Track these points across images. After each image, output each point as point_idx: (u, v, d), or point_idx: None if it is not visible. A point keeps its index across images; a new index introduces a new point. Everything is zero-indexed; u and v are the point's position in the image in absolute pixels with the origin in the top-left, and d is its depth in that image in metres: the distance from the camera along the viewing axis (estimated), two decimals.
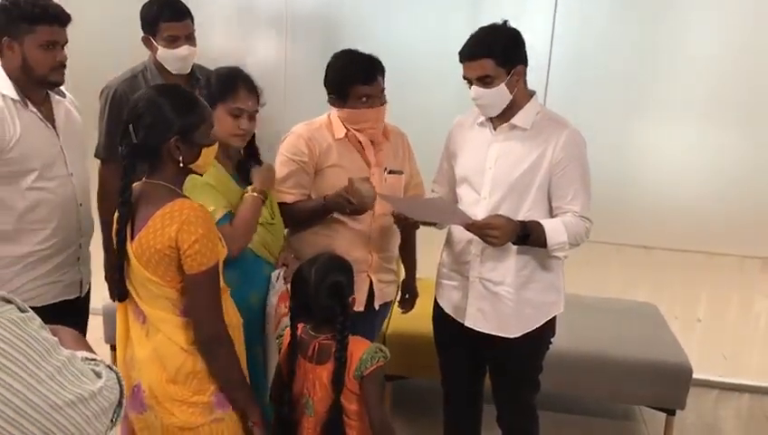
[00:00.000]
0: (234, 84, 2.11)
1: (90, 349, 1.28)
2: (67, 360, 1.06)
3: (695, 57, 3.44)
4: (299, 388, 1.99)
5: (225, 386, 1.82)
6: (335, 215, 2.36)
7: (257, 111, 2.16)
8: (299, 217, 2.37)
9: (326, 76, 2.38)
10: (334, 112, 2.40)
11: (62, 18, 2.13)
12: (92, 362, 1.19)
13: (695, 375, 3.02)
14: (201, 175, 1.87)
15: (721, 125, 3.49)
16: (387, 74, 2.36)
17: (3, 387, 0.95)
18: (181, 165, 1.75)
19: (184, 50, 2.68)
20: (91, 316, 2.55)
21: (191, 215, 1.69)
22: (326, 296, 1.91)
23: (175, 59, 2.69)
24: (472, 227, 2.08)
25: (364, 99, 2.31)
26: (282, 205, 2.33)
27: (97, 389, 1.09)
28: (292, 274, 2.04)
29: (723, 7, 3.36)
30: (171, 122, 1.71)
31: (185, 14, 2.70)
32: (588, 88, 3.54)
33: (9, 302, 1.04)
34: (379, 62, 2.36)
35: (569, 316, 2.40)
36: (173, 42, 2.66)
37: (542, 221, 2.11)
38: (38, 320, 1.08)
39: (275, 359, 2.13)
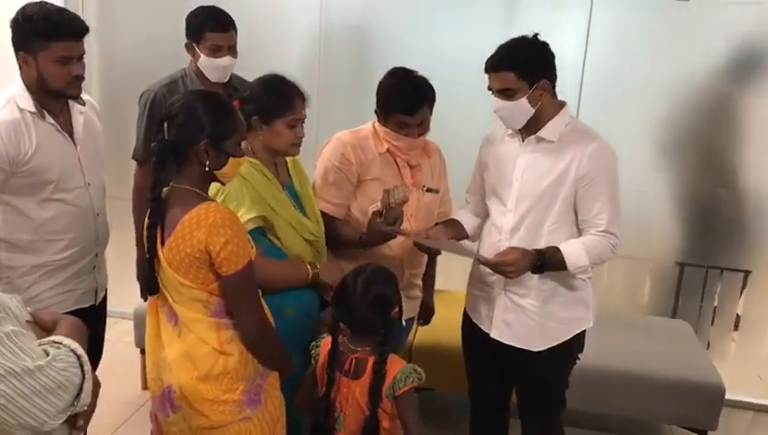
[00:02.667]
0: (289, 97, 2.11)
1: (83, 342, 1.30)
2: (5, 335, 1.10)
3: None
4: (331, 401, 1.99)
5: (271, 365, 1.91)
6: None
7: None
8: (338, 237, 2.37)
9: (377, 88, 2.37)
10: (378, 124, 2.40)
11: (78, 32, 2.09)
12: (54, 345, 1.21)
13: (729, 395, 2.96)
14: (224, 184, 1.91)
15: None
16: None
17: None
18: (207, 169, 1.79)
19: (225, 60, 2.74)
20: (122, 320, 2.59)
21: (218, 217, 1.73)
22: (369, 308, 1.91)
23: (215, 68, 2.75)
24: (486, 263, 2.11)
25: (402, 126, 2.31)
26: (326, 218, 2.33)
27: (35, 366, 1.12)
28: (338, 284, 2.01)
29: (756, 24, 3.32)
30: (204, 126, 1.76)
31: (230, 26, 2.76)
32: (621, 101, 3.52)
33: None
34: (429, 92, 2.33)
35: (599, 332, 2.38)
36: (216, 51, 2.73)
37: (561, 245, 2.10)
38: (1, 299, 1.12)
39: None
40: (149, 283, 1.86)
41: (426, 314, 2.72)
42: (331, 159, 2.37)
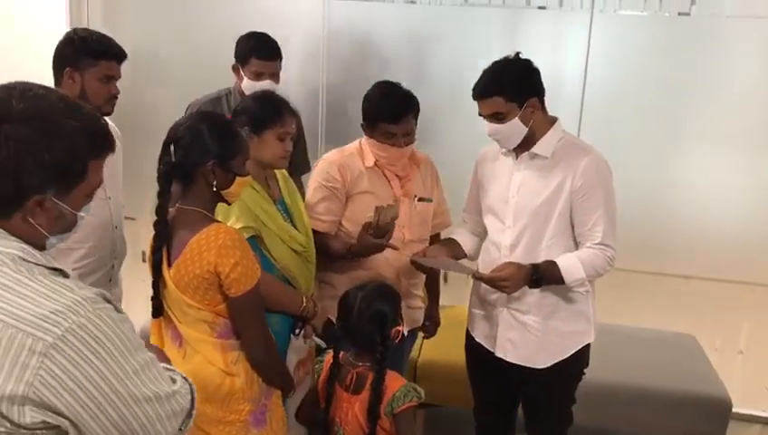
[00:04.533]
0: (279, 110, 2.19)
1: (168, 362, 1.41)
2: (150, 361, 1.18)
3: (731, 89, 3.40)
4: (331, 416, 2.01)
5: (275, 384, 1.95)
6: None
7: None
8: (328, 251, 2.40)
9: (363, 102, 2.43)
10: (365, 139, 2.45)
11: (121, 56, 2.33)
12: (170, 371, 1.29)
13: (736, 409, 2.95)
14: (230, 204, 1.93)
15: (759, 155, 3.43)
16: (421, 104, 2.41)
17: (95, 372, 1.08)
18: (214, 189, 1.81)
19: (266, 84, 2.87)
20: None
21: (227, 239, 1.75)
22: (368, 324, 1.94)
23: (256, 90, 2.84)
24: (481, 279, 2.13)
25: (389, 135, 2.36)
26: (316, 233, 2.37)
27: (171, 391, 1.20)
28: (340, 298, 2.07)
29: (759, 39, 3.33)
30: (211, 146, 1.79)
31: (275, 55, 2.94)
32: (624, 117, 3.53)
33: (109, 302, 1.16)
34: (413, 102, 2.39)
35: (604, 347, 2.38)
36: (258, 76, 2.90)
37: (557, 259, 2.12)
38: (130, 322, 1.20)
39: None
40: (155, 306, 1.89)
41: (431, 326, 2.73)
42: (319, 179, 2.43)
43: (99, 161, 1.22)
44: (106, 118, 2.33)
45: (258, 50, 2.90)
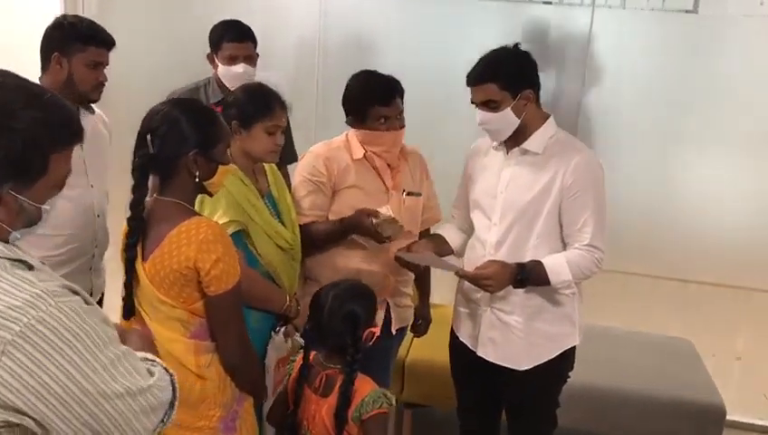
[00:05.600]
0: (269, 102, 2.14)
1: (155, 352, 1.35)
2: (122, 354, 1.13)
3: (735, 89, 3.33)
4: (299, 418, 1.94)
5: (249, 389, 1.86)
6: (353, 236, 2.34)
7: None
8: (315, 239, 2.35)
9: (344, 96, 2.39)
10: (352, 132, 2.40)
11: (110, 42, 2.32)
12: (149, 362, 1.25)
13: (733, 416, 2.91)
14: (211, 195, 1.85)
15: (760, 157, 3.37)
16: (419, 99, 2.38)
17: (59, 369, 1.04)
18: (197, 180, 1.72)
19: (239, 67, 2.85)
20: None
21: (209, 233, 1.66)
22: (339, 323, 1.87)
23: (232, 76, 2.85)
24: (464, 277, 2.08)
25: (382, 120, 2.31)
26: (300, 226, 2.32)
27: (147, 385, 1.16)
28: (312, 296, 2.00)
29: (766, 38, 3.26)
30: (191, 135, 1.70)
31: (246, 37, 2.91)
32: (623, 118, 3.47)
33: (76, 293, 1.12)
34: (398, 84, 2.36)
35: (595, 349, 2.33)
36: (232, 60, 2.86)
37: (543, 260, 2.07)
38: (101, 314, 1.15)
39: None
40: (126, 307, 1.81)
41: (422, 325, 2.68)
42: (304, 173, 2.38)
43: (63, 153, 1.16)
44: (94, 106, 2.38)
45: (229, 33, 2.89)
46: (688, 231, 3.49)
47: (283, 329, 2.19)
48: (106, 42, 2.30)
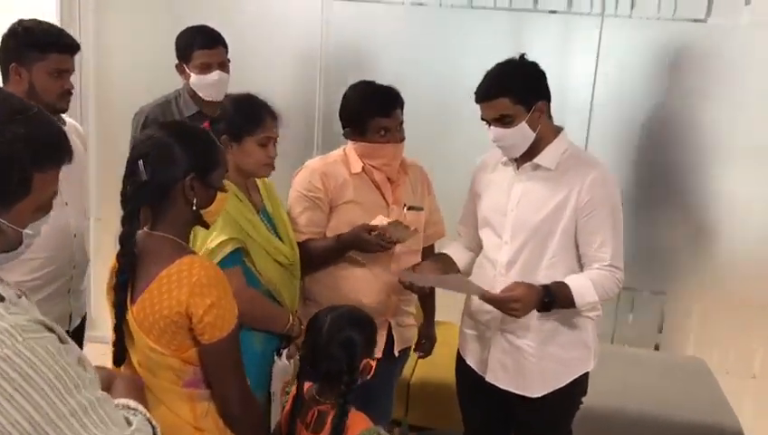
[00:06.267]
0: (259, 114, 2.07)
1: (142, 399, 1.24)
2: (96, 400, 1.03)
3: (747, 99, 3.27)
4: None
5: None
6: (352, 254, 2.25)
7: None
8: (312, 256, 2.27)
9: (342, 107, 2.31)
10: (350, 146, 2.32)
11: (73, 47, 2.16)
12: (131, 411, 1.15)
13: None
14: (208, 228, 1.71)
15: None
16: (423, 112, 2.30)
17: (19, 414, 0.94)
18: (194, 208, 1.56)
19: (215, 75, 2.68)
20: (100, 345, 2.48)
21: (202, 275, 1.50)
22: (336, 349, 1.75)
23: (206, 85, 2.70)
24: (490, 300, 1.95)
25: (383, 132, 2.23)
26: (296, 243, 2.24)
27: None
28: (309, 320, 1.89)
29: None
30: (186, 159, 1.55)
31: (217, 42, 2.72)
32: (634, 128, 3.39)
33: (51, 330, 1.02)
34: (398, 94, 2.29)
35: (605, 370, 2.24)
36: (205, 69, 2.69)
37: (567, 280, 1.97)
38: (77, 353, 1.06)
39: None
40: (116, 352, 1.63)
41: (426, 344, 2.59)
42: (299, 188, 2.30)
43: (49, 173, 1.08)
44: (70, 119, 2.25)
45: (199, 40, 2.70)
46: (700, 245, 3.42)
47: (285, 351, 2.11)
48: (68, 47, 2.15)
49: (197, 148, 1.59)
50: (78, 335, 2.39)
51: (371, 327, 1.84)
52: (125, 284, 1.56)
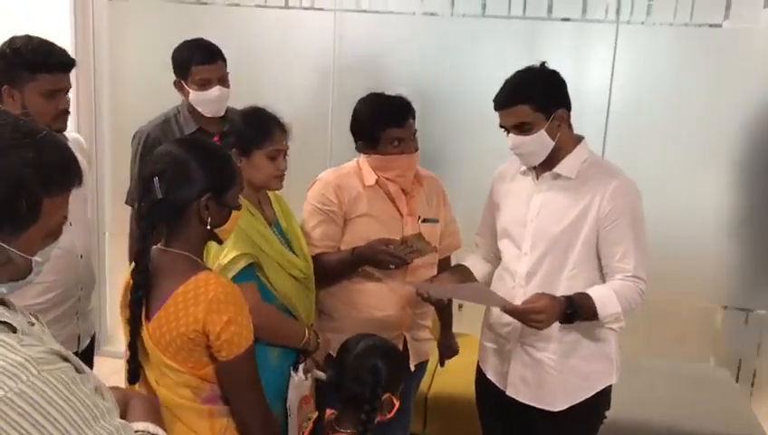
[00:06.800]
0: (267, 127, 2.05)
1: (160, 420, 1.22)
2: (116, 430, 1.01)
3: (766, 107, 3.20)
4: None
5: None
6: (367, 268, 2.22)
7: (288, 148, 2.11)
8: (327, 270, 2.24)
9: (353, 122, 2.28)
10: (363, 158, 2.30)
11: (66, 65, 2.06)
12: None
13: None
14: (221, 243, 1.71)
15: None
16: (437, 122, 2.26)
17: None
18: (208, 227, 1.56)
19: (215, 91, 2.63)
20: (114, 360, 2.46)
21: (219, 292, 1.49)
22: (363, 373, 1.73)
23: (207, 101, 2.64)
24: (513, 312, 1.91)
25: (396, 142, 2.21)
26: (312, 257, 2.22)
27: None
28: (340, 344, 1.88)
29: None
30: (203, 178, 1.54)
31: (216, 57, 2.66)
32: (651, 136, 3.35)
33: (66, 360, 0.99)
34: (410, 103, 2.26)
35: (630, 382, 2.19)
36: (205, 85, 2.62)
37: (590, 291, 1.92)
38: (95, 382, 1.03)
39: None
40: (130, 370, 1.62)
41: (446, 354, 2.57)
42: (313, 202, 2.28)
43: (58, 198, 1.05)
44: (73, 133, 2.19)
45: (198, 55, 2.62)
46: (722, 254, 3.34)
47: (302, 365, 2.08)
48: (61, 65, 2.04)
49: (214, 167, 1.58)
50: (87, 356, 2.36)
51: (401, 364, 1.86)
52: (140, 300, 1.55)
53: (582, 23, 3.32)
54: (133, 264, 1.58)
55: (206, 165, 1.56)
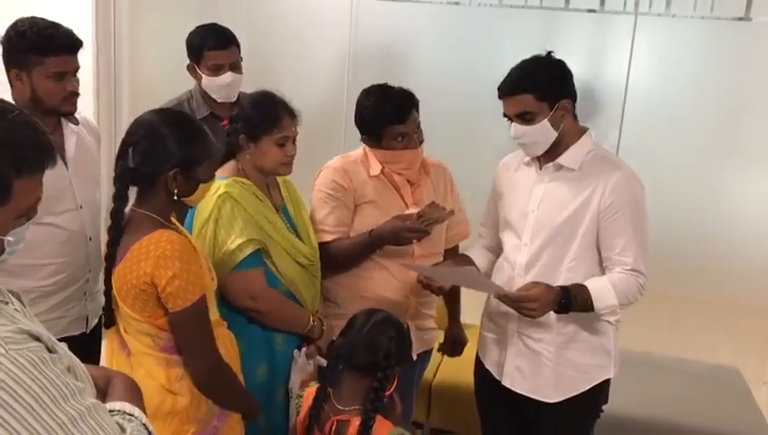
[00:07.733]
0: (276, 113, 2.05)
1: (141, 403, 1.21)
2: (86, 410, 1.00)
3: None
4: None
5: (230, 408, 1.80)
6: (373, 257, 2.24)
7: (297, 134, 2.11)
8: (338, 256, 2.25)
9: (357, 116, 2.27)
10: (369, 148, 2.30)
11: (72, 46, 2.04)
12: (126, 417, 1.12)
13: None
14: (191, 207, 1.83)
15: None
16: (453, 111, 2.24)
17: (5, 430, 0.91)
18: (175, 198, 1.69)
19: (227, 77, 2.63)
20: None
21: (167, 248, 1.61)
22: (381, 337, 1.75)
23: (219, 87, 2.65)
24: (505, 298, 1.92)
25: (400, 138, 2.20)
26: (322, 244, 2.22)
27: None
28: (351, 318, 1.89)
29: None
30: (173, 153, 1.65)
31: (230, 42, 2.67)
32: (668, 132, 3.30)
33: (37, 339, 0.99)
34: (413, 96, 2.24)
35: (635, 378, 2.17)
36: (217, 70, 2.63)
37: (587, 282, 1.92)
38: (68, 361, 1.03)
39: None
40: (106, 316, 1.77)
41: (453, 346, 2.56)
42: (323, 188, 2.27)
43: (30, 179, 1.04)
44: (83, 114, 2.21)
45: (211, 40, 2.63)
46: (737, 250, 3.30)
47: (305, 349, 2.10)
48: (68, 46, 2.02)
49: (185, 143, 1.68)
50: (95, 335, 2.39)
51: (408, 339, 1.88)
52: (113, 255, 1.69)
53: (601, 14, 3.28)
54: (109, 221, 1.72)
55: (179, 141, 1.67)
